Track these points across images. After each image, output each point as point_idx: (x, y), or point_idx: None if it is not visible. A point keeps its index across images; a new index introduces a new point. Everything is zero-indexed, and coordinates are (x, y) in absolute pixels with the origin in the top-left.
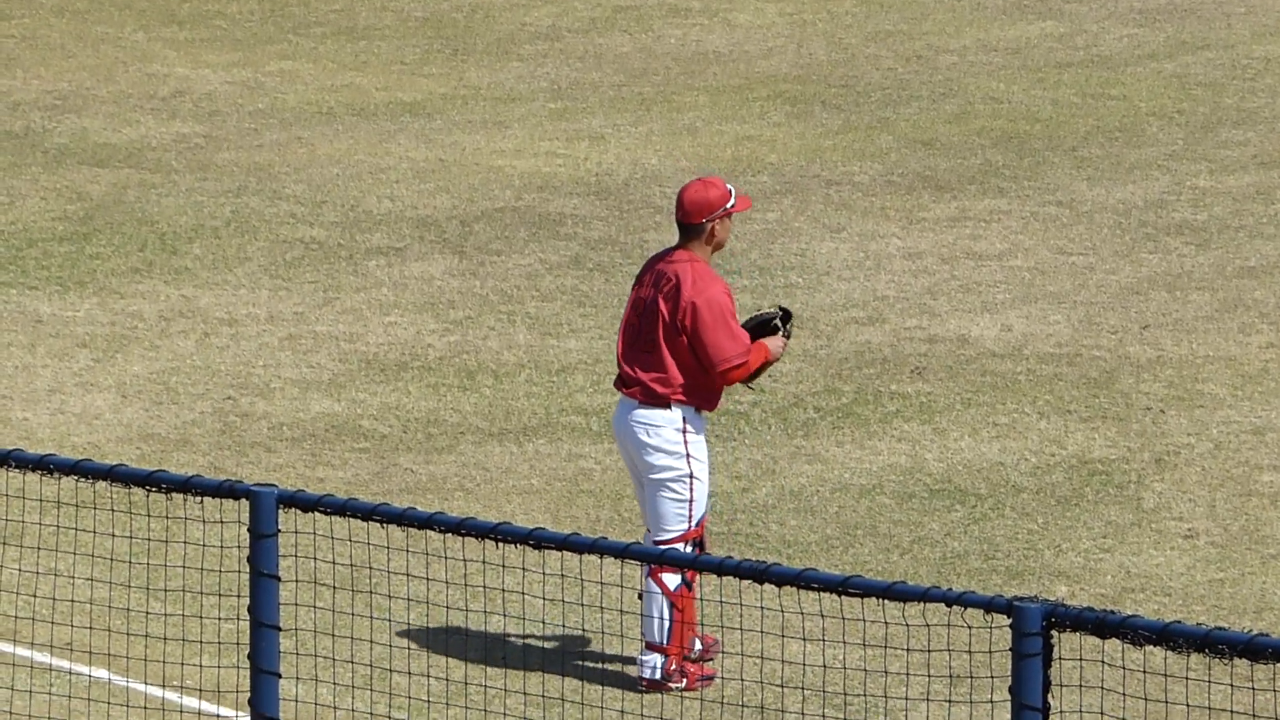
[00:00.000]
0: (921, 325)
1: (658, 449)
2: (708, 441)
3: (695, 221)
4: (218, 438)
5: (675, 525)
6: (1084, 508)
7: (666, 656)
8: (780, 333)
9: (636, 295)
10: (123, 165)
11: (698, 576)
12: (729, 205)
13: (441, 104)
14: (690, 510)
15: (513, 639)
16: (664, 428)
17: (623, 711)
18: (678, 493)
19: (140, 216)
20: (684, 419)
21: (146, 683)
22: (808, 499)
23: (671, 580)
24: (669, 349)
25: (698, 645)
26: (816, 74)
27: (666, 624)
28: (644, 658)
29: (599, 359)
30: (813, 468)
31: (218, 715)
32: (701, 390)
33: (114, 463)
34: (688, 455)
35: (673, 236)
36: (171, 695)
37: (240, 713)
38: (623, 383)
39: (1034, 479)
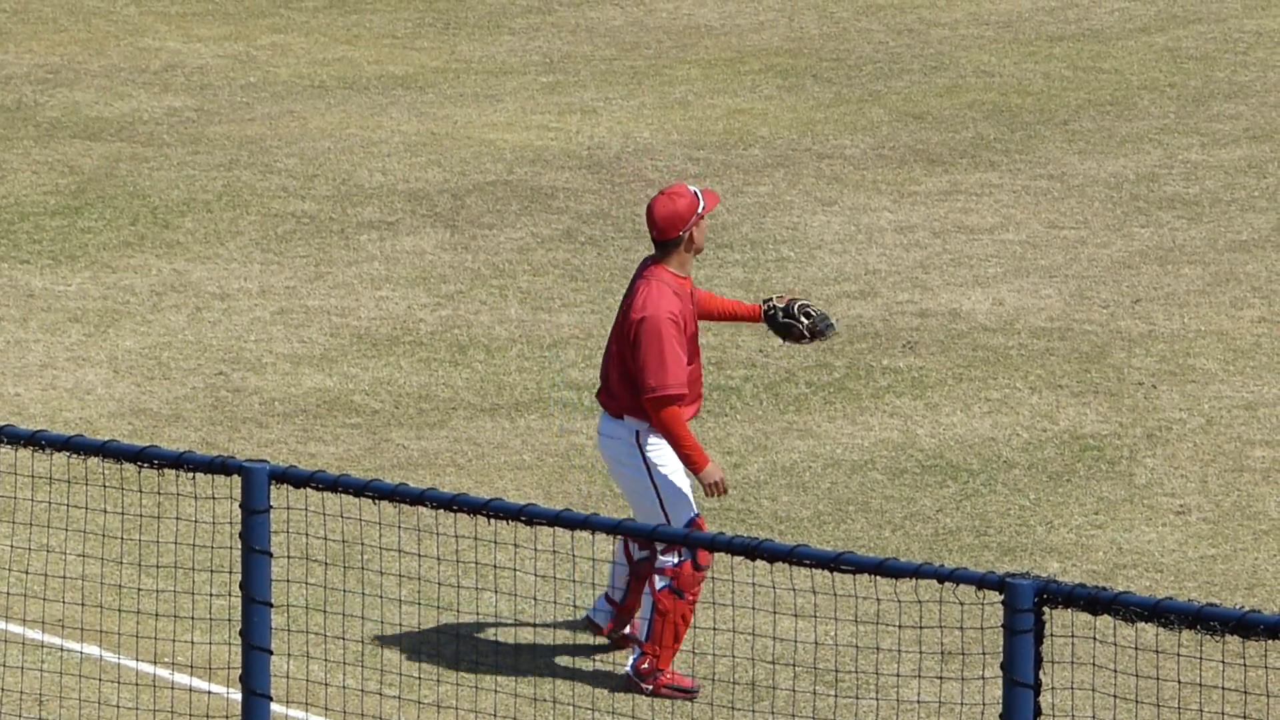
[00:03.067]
0: (913, 299)
1: (617, 460)
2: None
3: (672, 237)
4: (209, 413)
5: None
6: (1076, 483)
7: (642, 653)
8: (801, 334)
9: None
10: (114, 139)
11: (709, 565)
12: (699, 211)
13: (433, 77)
14: (667, 514)
15: (504, 615)
16: (619, 440)
17: (614, 688)
18: (646, 501)
19: (132, 190)
20: (637, 433)
21: (138, 659)
22: (799, 474)
23: (659, 582)
24: (620, 363)
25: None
26: (808, 47)
27: (646, 623)
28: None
29: (591, 333)
30: (804, 443)
31: (209, 691)
32: None
33: (106, 438)
34: (646, 465)
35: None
36: (163, 671)
37: (231, 689)
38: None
39: (1026, 454)
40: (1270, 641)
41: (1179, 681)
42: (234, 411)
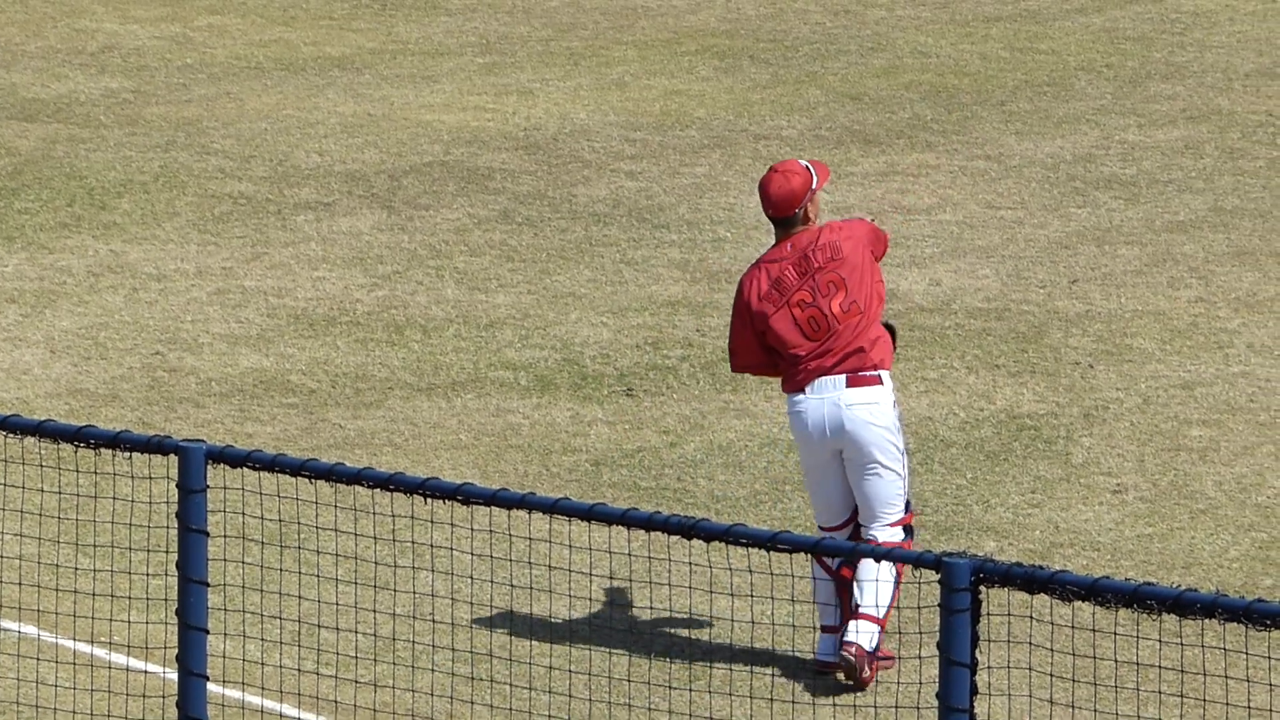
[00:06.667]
0: None
1: (875, 426)
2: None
3: (789, 214)
4: (146, 393)
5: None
6: (1012, 463)
7: (880, 629)
8: None
9: (795, 295)
10: (51, 120)
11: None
12: (813, 186)
13: (370, 58)
14: (906, 482)
15: (441, 595)
16: (878, 404)
17: (550, 667)
18: (893, 473)
19: (69, 171)
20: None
21: (75, 638)
22: (736, 454)
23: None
24: (860, 309)
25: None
26: (745, 28)
27: (874, 604)
28: (857, 627)
29: (528, 314)
30: (741, 422)
31: (145, 671)
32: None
33: (42, 418)
34: (899, 424)
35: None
36: (100, 651)
37: (168, 668)
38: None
39: (962, 434)
40: (1206, 620)
41: (1116, 660)
42: (171, 391)
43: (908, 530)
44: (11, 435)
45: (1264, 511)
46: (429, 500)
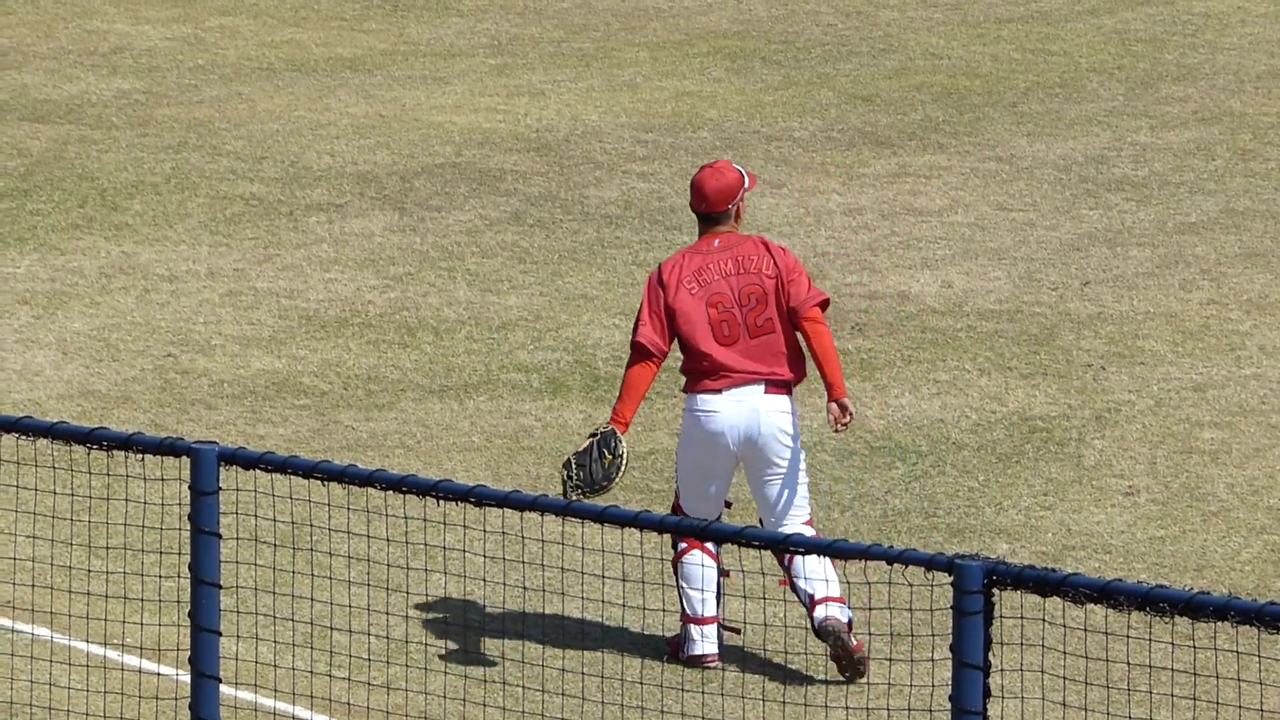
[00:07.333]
0: (862, 281)
1: (783, 435)
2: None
3: (722, 210)
4: (158, 395)
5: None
6: (1025, 465)
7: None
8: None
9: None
10: (63, 121)
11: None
12: (745, 186)
13: (381, 60)
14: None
15: (453, 596)
16: (788, 413)
17: (563, 669)
18: (794, 479)
19: (80, 172)
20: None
21: (87, 640)
22: None
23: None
24: (781, 323)
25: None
26: (756, 29)
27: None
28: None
29: (539, 315)
30: None
31: (158, 673)
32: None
33: (54, 420)
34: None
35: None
36: (112, 653)
37: (180, 670)
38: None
39: (975, 436)
40: (1218, 623)
41: (1128, 663)
42: (183, 393)
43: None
44: (24, 437)
45: (1276, 514)
46: (441, 502)
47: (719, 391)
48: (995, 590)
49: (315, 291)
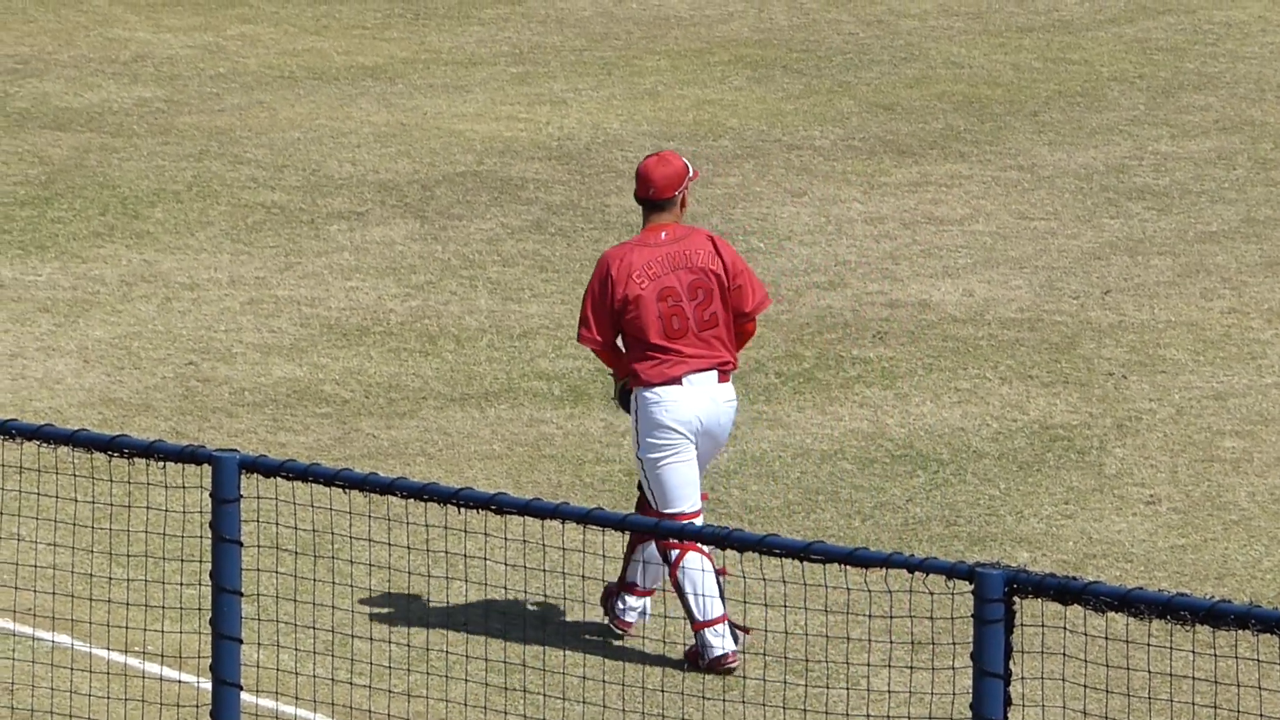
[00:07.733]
0: (883, 290)
1: (726, 426)
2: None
3: (669, 196)
4: (179, 402)
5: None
6: (1045, 473)
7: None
8: None
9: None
10: (84, 129)
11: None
12: (690, 176)
13: (402, 68)
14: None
15: (474, 605)
16: (734, 402)
17: (584, 677)
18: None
19: (101, 180)
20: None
21: (108, 648)
22: (769, 464)
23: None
24: (725, 315)
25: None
26: (777, 38)
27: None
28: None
29: (560, 323)
30: (774, 433)
31: (179, 680)
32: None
33: (75, 428)
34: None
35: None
36: (133, 661)
37: (201, 678)
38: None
39: (995, 444)
40: (1240, 631)
41: (1149, 671)
42: (204, 401)
43: None
44: (45, 445)
45: None
46: (462, 510)
47: (678, 380)
48: (1016, 598)
49: (336, 300)
